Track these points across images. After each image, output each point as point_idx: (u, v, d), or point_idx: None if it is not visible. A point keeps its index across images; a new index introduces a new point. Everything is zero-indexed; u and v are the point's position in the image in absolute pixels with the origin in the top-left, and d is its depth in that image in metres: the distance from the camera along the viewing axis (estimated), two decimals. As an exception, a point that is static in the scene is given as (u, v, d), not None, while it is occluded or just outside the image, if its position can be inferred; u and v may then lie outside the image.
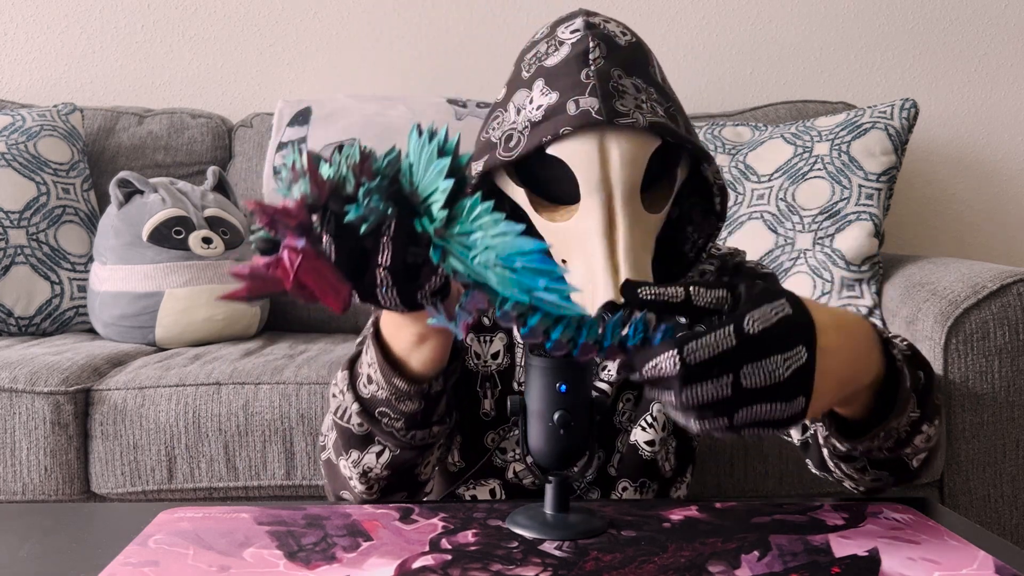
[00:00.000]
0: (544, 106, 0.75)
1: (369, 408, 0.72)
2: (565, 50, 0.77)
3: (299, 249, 0.52)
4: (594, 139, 0.73)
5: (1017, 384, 1.44)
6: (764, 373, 0.53)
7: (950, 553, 0.64)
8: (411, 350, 0.69)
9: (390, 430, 0.72)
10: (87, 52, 2.18)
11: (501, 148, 0.77)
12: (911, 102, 1.78)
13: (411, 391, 0.69)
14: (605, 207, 0.73)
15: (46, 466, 1.35)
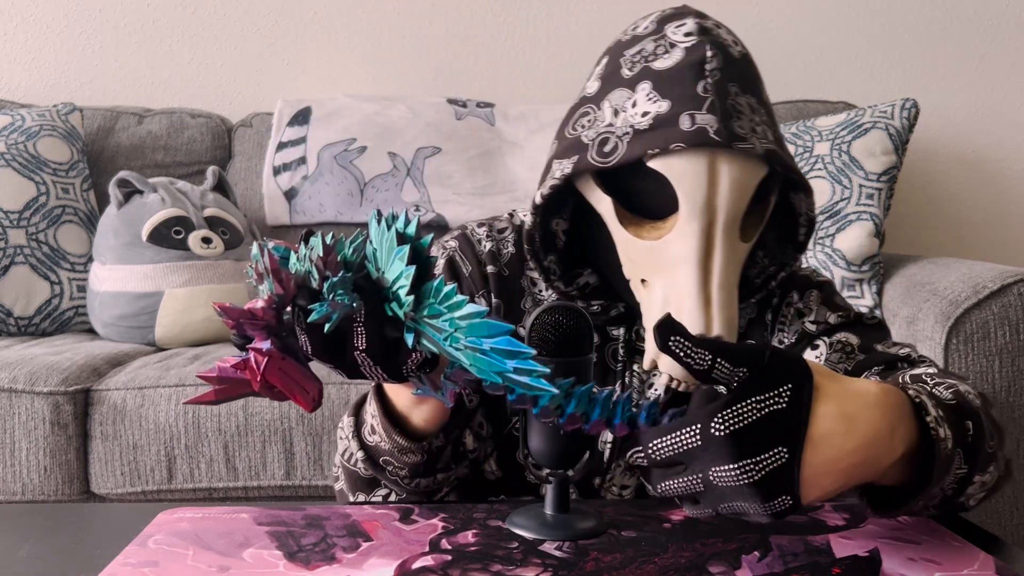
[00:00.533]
0: (652, 114, 0.70)
1: (374, 456, 0.72)
2: (678, 54, 0.71)
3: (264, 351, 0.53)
4: (704, 159, 0.69)
5: (1017, 384, 1.43)
6: (730, 477, 0.50)
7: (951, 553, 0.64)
8: (412, 407, 0.68)
9: (395, 478, 0.72)
10: (87, 52, 2.18)
11: (594, 151, 0.72)
12: (912, 102, 1.78)
13: (412, 447, 0.69)
14: (704, 234, 0.69)
15: (46, 466, 1.35)
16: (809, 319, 0.82)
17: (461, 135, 1.96)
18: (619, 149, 0.70)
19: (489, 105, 2.03)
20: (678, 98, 0.70)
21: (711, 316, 0.68)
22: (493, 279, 0.84)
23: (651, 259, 0.71)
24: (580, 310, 0.67)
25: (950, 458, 0.59)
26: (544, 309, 0.66)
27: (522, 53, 2.21)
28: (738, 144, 0.68)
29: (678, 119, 0.69)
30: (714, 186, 0.69)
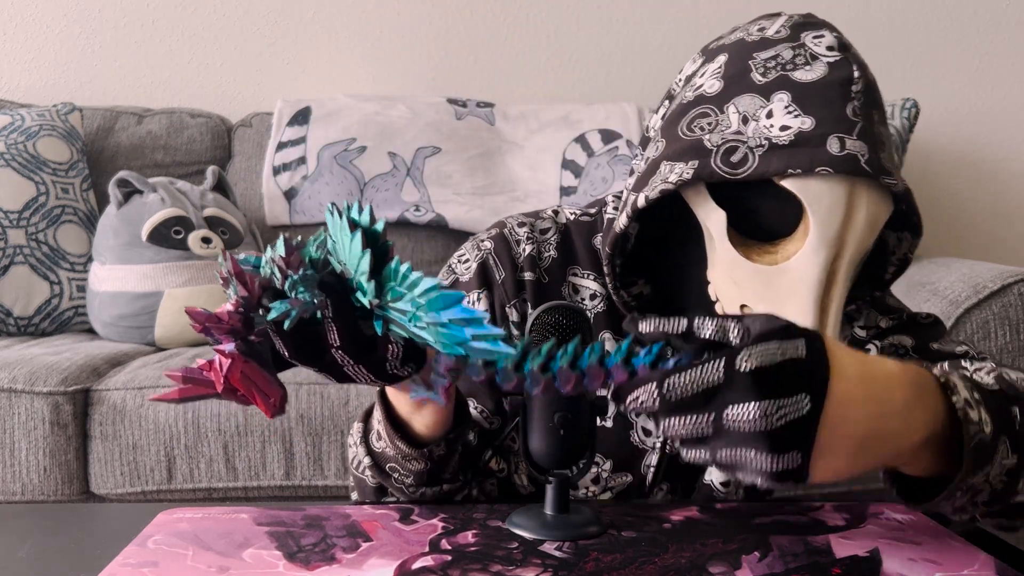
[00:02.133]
0: (794, 130, 0.65)
1: (380, 463, 0.72)
2: (821, 68, 0.66)
3: (228, 353, 0.53)
4: (846, 189, 0.64)
5: (1017, 384, 1.43)
6: (748, 418, 0.47)
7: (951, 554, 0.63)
8: (412, 413, 0.67)
9: (400, 486, 0.72)
10: (87, 52, 2.17)
11: (719, 159, 0.66)
12: (912, 102, 1.78)
13: (414, 454, 0.68)
14: (829, 266, 0.64)
15: (45, 466, 1.35)
16: (859, 324, 0.79)
17: (461, 135, 1.96)
18: (750, 161, 0.65)
19: (489, 105, 2.03)
20: (824, 116, 0.65)
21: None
22: (531, 287, 0.79)
23: (761, 284, 0.66)
24: (580, 310, 0.67)
25: (989, 446, 0.54)
26: (544, 309, 0.66)
27: (522, 53, 2.21)
28: (885, 179, 0.64)
29: (826, 140, 0.64)
30: (849, 218, 0.65)
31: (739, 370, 0.47)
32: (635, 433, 0.80)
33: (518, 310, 0.79)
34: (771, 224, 0.66)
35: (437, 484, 0.72)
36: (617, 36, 2.21)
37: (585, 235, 0.82)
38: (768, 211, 0.66)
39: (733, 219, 0.67)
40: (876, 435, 0.51)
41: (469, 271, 0.81)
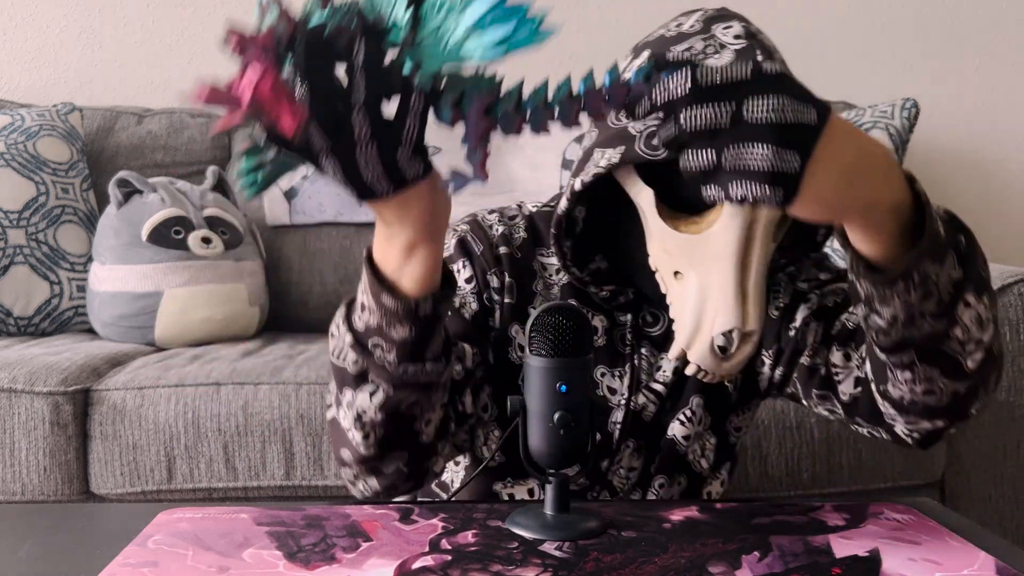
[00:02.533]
0: None
1: (363, 340, 0.68)
2: (728, 55, 0.73)
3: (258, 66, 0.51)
4: None
5: (1018, 384, 1.43)
6: (768, 106, 0.52)
7: (951, 554, 0.64)
8: (401, 266, 0.65)
9: (382, 363, 0.68)
10: (86, 52, 2.17)
11: (642, 143, 0.73)
12: (911, 102, 1.78)
13: (399, 310, 0.65)
14: (744, 233, 0.70)
15: (45, 466, 1.35)
16: (800, 280, 0.86)
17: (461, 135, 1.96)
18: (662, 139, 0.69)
19: (489, 105, 2.03)
20: None
21: (747, 311, 0.70)
22: (506, 259, 0.86)
23: (688, 252, 0.72)
24: (580, 311, 0.67)
25: (944, 241, 0.60)
26: (544, 309, 0.66)
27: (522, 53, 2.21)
28: None
29: None
30: None
31: (765, 71, 0.54)
32: (600, 391, 0.85)
33: (498, 278, 0.85)
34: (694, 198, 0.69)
35: (420, 361, 0.68)
36: (617, 36, 2.21)
37: (548, 222, 0.88)
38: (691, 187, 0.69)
39: (661, 195, 0.74)
40: (862, 171, 0.57)
41: (448, 247, 0.87)
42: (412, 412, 0.70)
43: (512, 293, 0.85)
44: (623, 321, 0.86)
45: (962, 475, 1.45)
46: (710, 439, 0.88)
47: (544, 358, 0.65)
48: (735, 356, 0.72)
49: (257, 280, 1.79)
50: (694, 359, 0.72)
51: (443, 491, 0.91)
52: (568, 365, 0.65)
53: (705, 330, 0.72)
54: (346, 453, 0.73)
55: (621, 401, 0.86)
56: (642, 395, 0.86)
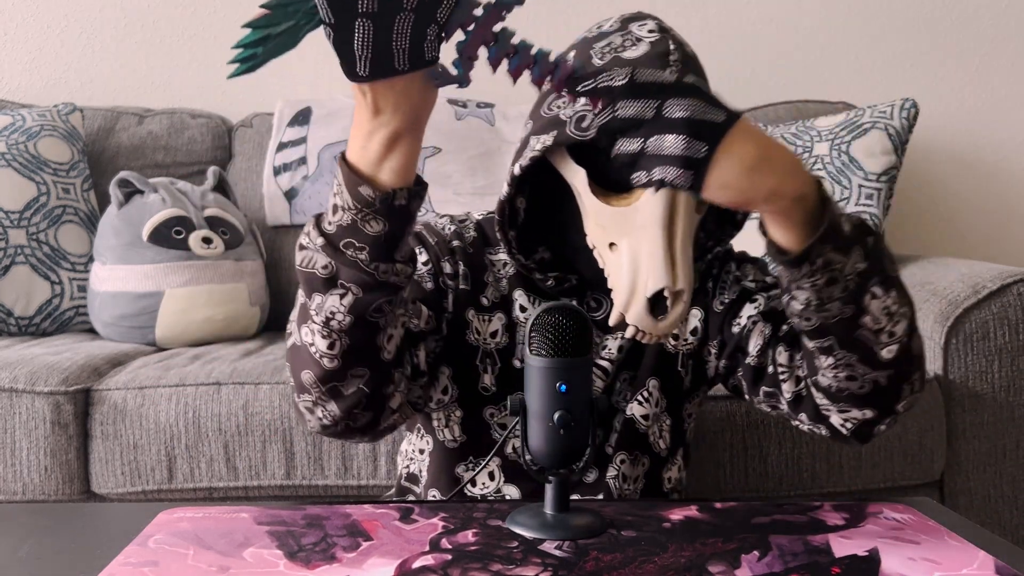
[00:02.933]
0: None
1: (335, 241, 0.69)
2: (644, 47, 0.80)
3: None
4: None
5: (1017, 384, 1.44)
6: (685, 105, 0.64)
7: (950, 553, 0.64)
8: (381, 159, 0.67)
9: (354, 260, 0.69)
10: (87, 52, 2.18)
11: (572, 126, 0.79)
12: (911, 102, 1.78)
13: (376, 201, 0.67)
14: (669, 200, 0.77)
15: (46, 466, 1.35)
16: (747, 280, 0.94)
17: (461, 135, 1.96)
18: (594, 124, 0.77)
19: (489, 105, 2.03)
20: None
21: (676, 273, 0.76)
22: (459, 251, 0.92)
23: (620, 223, 0.79)
24: (580, 310, 0.67)
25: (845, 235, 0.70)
26: (544, 309, 0.66)
27: None
28: None
29: None
30: None
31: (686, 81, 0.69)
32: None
33: (451, 265, 0.91)
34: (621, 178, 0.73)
35: (391, 260, 0.70)
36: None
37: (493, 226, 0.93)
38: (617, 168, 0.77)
39: (593, 176, 0.80)
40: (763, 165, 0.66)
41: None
42: (377, 320, 0.72)
43: (467, 280, 0.91)
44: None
45: (961, 475, 1.45)
46: (666, 420, 0.93)
47: (544, 358, 0.65)
48: (669, 316, 0.77)
49: (258, 280, 1.80)
50: (631, 320, 0.77)
51: (412, 483, 0.94)
52: (568, 365, 0.65)
53: (639, 292, 0.77)
54: (307, 375, 0.74)
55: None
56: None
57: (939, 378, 1.44)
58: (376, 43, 0.57)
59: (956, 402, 1.44)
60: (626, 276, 0.78)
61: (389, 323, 0.74)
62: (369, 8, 0.56)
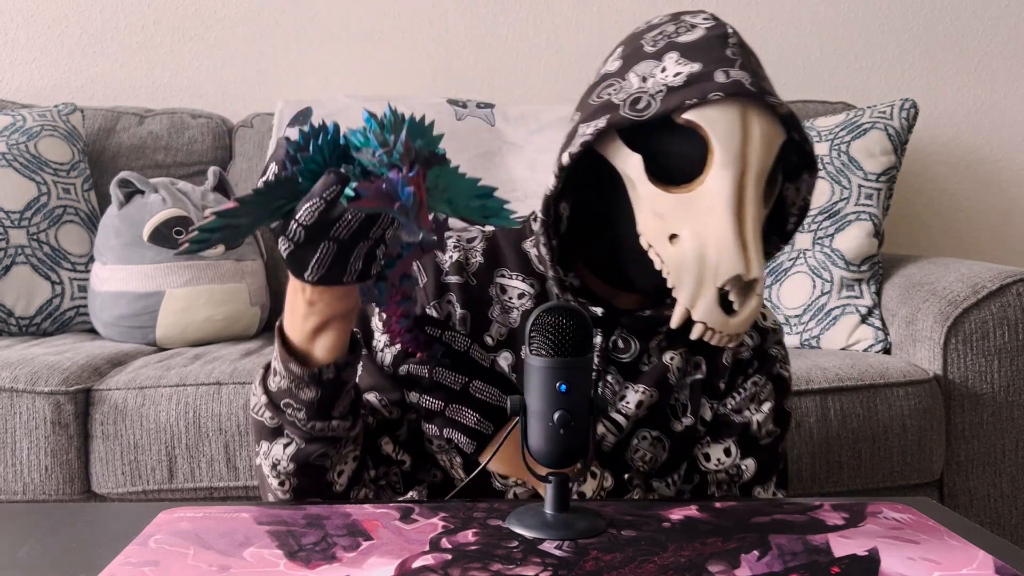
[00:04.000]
0: (685, 73, 0.73)
1: (275, 400, 0.74)
2: (700, 31, 0.76)
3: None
4: (738, 111, 0.72)
5: (1017, 384, 1.44)
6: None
7: (950, 553, 0.64)
8: (312, 340, 0.71)
9: (292, 419, 0.74)
10: (87, 52, 2.18)
11: (627, 108, 0.74)
12: (911, 102, 1.78)
13: (305, 376, 0.71)
14: (738, 183, 0.71)
15: (46, 466, 1.35)
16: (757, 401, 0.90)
17: (461, 135, 1.96)
18: (653, 105, 0.73)
19: (489, 105, 2.03)
20: (709, 60, 0.73)
21: (749, 258, 0.70)
22: (458, 289, 0.86)
23: (682, 209, 0.72)
24: (580, 310, 0.67)
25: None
26: (544, 309, 0.66)
27: (522, 53, 2.21)
28: (769, 97, 0.72)
29: (713, 74, 0.72)
30: (747, 137, 0.71)
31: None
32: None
33: (439, 310, 0.86)
34: (682, 166, 0.73)
35: (327, 419, 0.74)
36: (617, 36, 2.21)
37: (513, 240, 0.89)
38: (677, 152, 0.73)
39: (649, 165, 0.74)
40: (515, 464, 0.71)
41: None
42: (323, 463, 0.76)
43: (465, 324, 0.85)
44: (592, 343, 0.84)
45: (961, 474, 1.45)
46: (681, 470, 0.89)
47: (544, 358, 0.65)
48: (742, 310, 0.71)
49: (258, 280, 1.80)
50: (700, 316, 0.71)
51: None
52: (568, 365, 0.65)
53: (708, 283, 0.71)
54: (270, 497, 0.79)
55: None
56: (601, 424, 0.84)
57: (939, 378, 1.44)
58: (335, 261, 0.63)
59: (956, 402, 1.44)
60: (691, 267, 0.71)
61: (336, 463, 0.77)
62: (339, 236, 0.62)
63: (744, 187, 0.71)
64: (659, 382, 0.85)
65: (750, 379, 0.89)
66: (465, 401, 0.83)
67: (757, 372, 0.89)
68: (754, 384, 0.89)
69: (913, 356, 1.50)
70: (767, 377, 0.90)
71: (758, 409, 0.89)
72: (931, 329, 1.45)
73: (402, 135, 0.59)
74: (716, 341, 0.72)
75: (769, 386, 0.90)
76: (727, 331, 0.71)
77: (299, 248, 0.62)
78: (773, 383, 0.90)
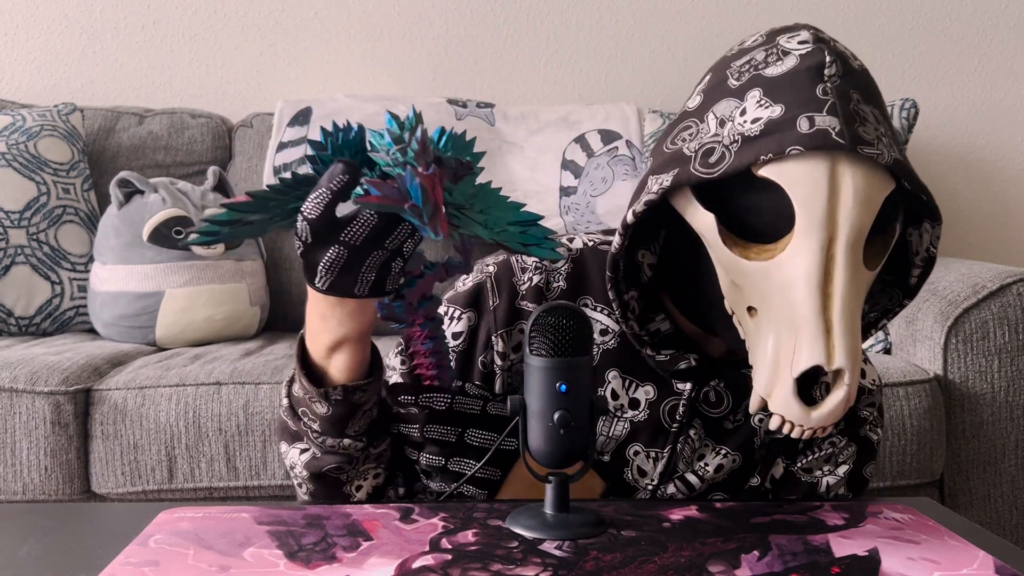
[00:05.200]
0: (764, 120, 0.63)
1: (295, 406, 0.74)
2: (792, 60, 0.65)
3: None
4: (826, 165, 0.61)
5: (1017, 384, 1.44)
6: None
7: (950, 553, 0.64)
8: (327, 357, 0.69)
9: (307, 429, 0.73)
10: (87, 52, 2.18)
11: (698, 162, 0.65)
12: (911, 102, 1.78)
13: (314, 392, 0.70)
14: (824, 251, 0.61)
15: (46, 466, 1.35)
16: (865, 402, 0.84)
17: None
18: (726, 159, 0.64)
19: (489, 105, 2.03)
20: (792, 102, 0.63)
21: (832, 345, 0.60)
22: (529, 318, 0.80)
23: (760, 282, 0.63)
24: (580, 311, 0.67)
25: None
26: (544, 310, 0.66)
27: (522, 53, 2.21)
28: (863, 149, 0.62)
29: (795, 122, 0.62)
30: (835, 196, 0.61)
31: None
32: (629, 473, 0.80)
33: (505, 340, 0.78)
34: (766, 222, 0.64)
35: (339, 436, 0.73)
36: (617, 36, 2.21)
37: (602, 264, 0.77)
38: (759, 210, 0.65)
39: (725, 222, 0.66)
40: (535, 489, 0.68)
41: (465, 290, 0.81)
42: (337, 476, 0.75)
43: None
44: (680, 390, 0.78)
45: (961, 475, 1.45)
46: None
47: (544, 358, 0.65)
48: (825, 403, 0.62)
49: (258, 280, 1.80)
50: (776, 408, 0.63)
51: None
52: (568, 365, 0.65)
53: (784, 371, 0.62)
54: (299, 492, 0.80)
55: (648, 487, 0.80)
56: (673, 484, 0.80)
57: (939, 378, 1.44)
58: (344, 268, 0.61)
59: (956, 402, 1.44)
60: (768, 350, 0.63)
61: (353, 478, 0.76)
62: (350, 240, 0.60)
63: (832, 257, 0.61)
64: (744, 446, 0.80)
65: (830, 439, 0.82)
66: (465, 452, 0.77)
67: (840, 433, 0.82)
68: (832, 444, 0.82)
69: (913, 356, 1.50)
70: (850, 439, 0.83)
71: (832, 471, 0.83)
72: (931, 329, 1.45)
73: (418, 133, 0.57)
74: (797, 434, 0.64)
75: (851, 448, 0.83)
76: (807, 425, 0.63)
77: (309, 249, 0.60)
78: (857, 446, 0.83)
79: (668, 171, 0.67)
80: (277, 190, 0.60)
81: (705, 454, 0.80)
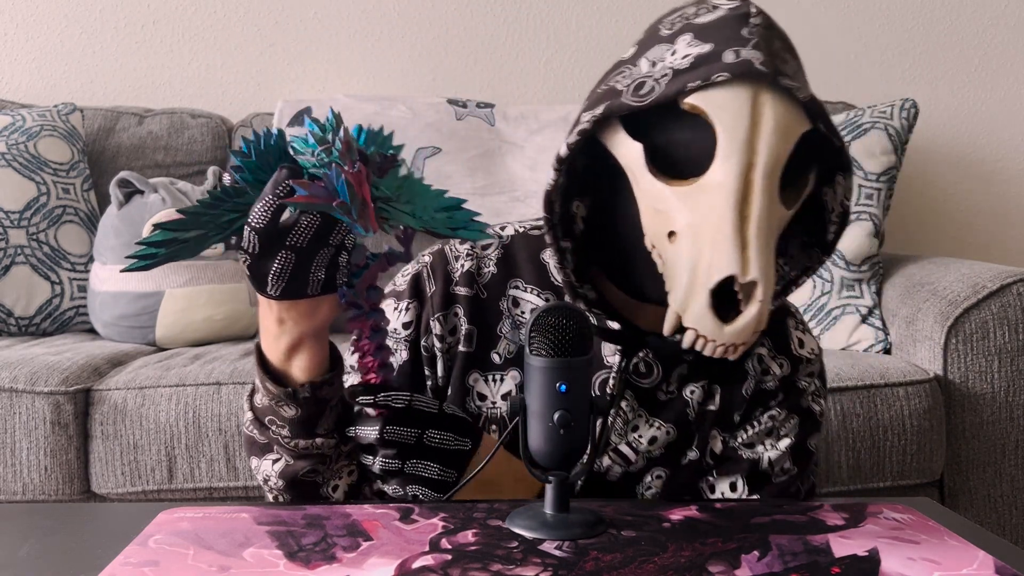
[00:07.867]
0: (693, 55, 0.66)
1: (260, 417, 0.74)
2: (721, 11, 0.69)
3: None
4: (748, 94, 0.64)
5: (1017, 384, 1.44)
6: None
7: (950, 553, 0.64)
8: (287, 359, 0.70)
9: (276, 436, 0.73)
10: (87, 52, 2.18)
11: (629, 94, 0.68)
12: (911, 102, 1.78)
13: (281, 394, 0.70)
14: (743, 176, 0.63)
15: (46, 466, 1.35)
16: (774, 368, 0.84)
17: (461, 135, 1.96)
18: (655, 89, 0.66)
19: (489, 105, 2.03)
20: (720, 39, 0.66)
21: (748, 258, 0.62)
22: (467, 302, 0.81)
23: (682, 204, 0.65)
24: (580, 311, 0.67)
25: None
26: (544, 310, 0.66)
27: (522, 53, 2.21)
28: (784, 80, 0.65)
29: (721, 55, 0.65)
30: (757, 124, 0.64)
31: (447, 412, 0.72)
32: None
33: (442, 324, 0.82)
34: (690, 157, 0.66)
35: (310, 436, 0.73)
36: (617, 37, 2.21)
37: (532, 248, 0.83)
38: (684, 141, 0.67)
39: (651, 155, 0.68)
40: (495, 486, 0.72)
41: (405, 282, 0.85)
42: (313, 479, 0.76)
43: (471, 342, 0.81)
44: (610, 364, 0.80)
45: (961, 475, 1.45)
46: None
47: (544, 358, 0.65)
48: (739, 318, 0.63)
49: (257, 280, 1.80)
50: (690, 322, 0.64)
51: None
52: (568, 365, 0.65)
53: (700, 284, 0.63)
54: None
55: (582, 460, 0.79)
56: (607, 456, 0.81)
57: (939, 378, 1.44)
58: (295, 271, 0.62)
59: (956, 402, 1.44)
60: (685, 267, 0.64)
61: (329, 478, 0.77)
62: (296, 243, 0.61)
63: (751, 181, 0.63)
64: (678, 419, 0.81)
65: (769, 412, 0.83)
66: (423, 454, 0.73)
67: (779, 405, 0.83)
68: (771, 418, 0.82)
69: (913, 356, 1.50)
70: (791, 411, 0.83)
71: (774, 445, 0.83)
72: (931, 329, 1.45)
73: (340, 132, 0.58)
74: (710, 351, 0.65)
75: (793, 420, 0.83)
76: (720, 340, 0.64)
77: (257, 260, 0.61)
78: (799, 417, 0.83)
79: (598, 105, 0.70)
80: (207, 204, 0.60)
81: (639, 425, 0.81)
